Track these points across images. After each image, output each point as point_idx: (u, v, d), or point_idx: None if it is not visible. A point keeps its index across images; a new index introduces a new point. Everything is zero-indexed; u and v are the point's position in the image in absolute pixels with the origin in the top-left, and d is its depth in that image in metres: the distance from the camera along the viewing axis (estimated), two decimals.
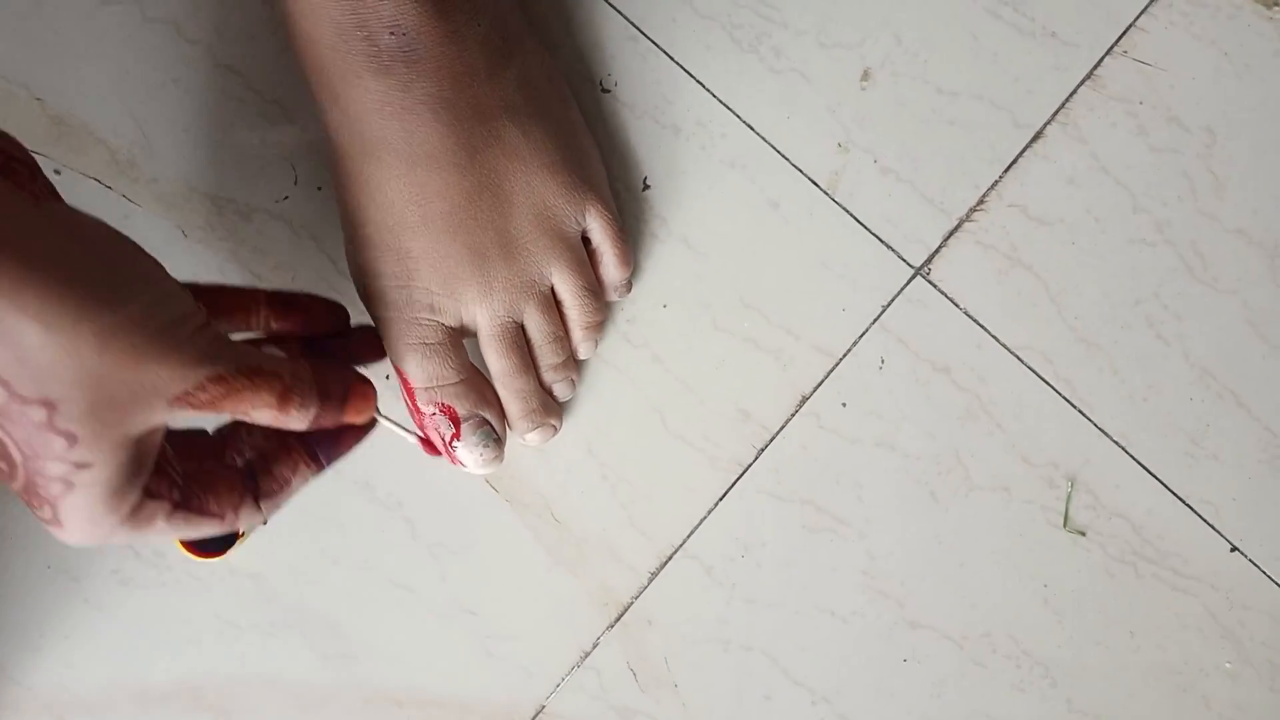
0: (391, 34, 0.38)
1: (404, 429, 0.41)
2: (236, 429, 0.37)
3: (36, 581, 0.45)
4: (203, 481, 0.34)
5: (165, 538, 0.34)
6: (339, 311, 0.40)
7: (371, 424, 0.38)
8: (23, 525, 0.45)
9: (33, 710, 0.45)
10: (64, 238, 0.29)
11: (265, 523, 0.36)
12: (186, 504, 0.34)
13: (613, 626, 0.46)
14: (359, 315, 0.44)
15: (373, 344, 0.41)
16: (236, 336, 0.36)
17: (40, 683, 0.45)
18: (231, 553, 0.44)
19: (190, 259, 0.46)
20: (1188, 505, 0.47)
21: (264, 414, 0.33)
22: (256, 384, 0.33)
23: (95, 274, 0.29)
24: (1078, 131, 0.47)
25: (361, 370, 0.38)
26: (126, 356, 0.29)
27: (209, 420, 0.36)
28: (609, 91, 0.47)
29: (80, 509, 0.31)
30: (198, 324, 0.32)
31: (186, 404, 0.31)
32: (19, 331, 0.27)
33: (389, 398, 0.45)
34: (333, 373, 0.36)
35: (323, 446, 0.38)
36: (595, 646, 0.46)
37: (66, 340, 0.28)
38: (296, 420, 0.34)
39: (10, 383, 0.28)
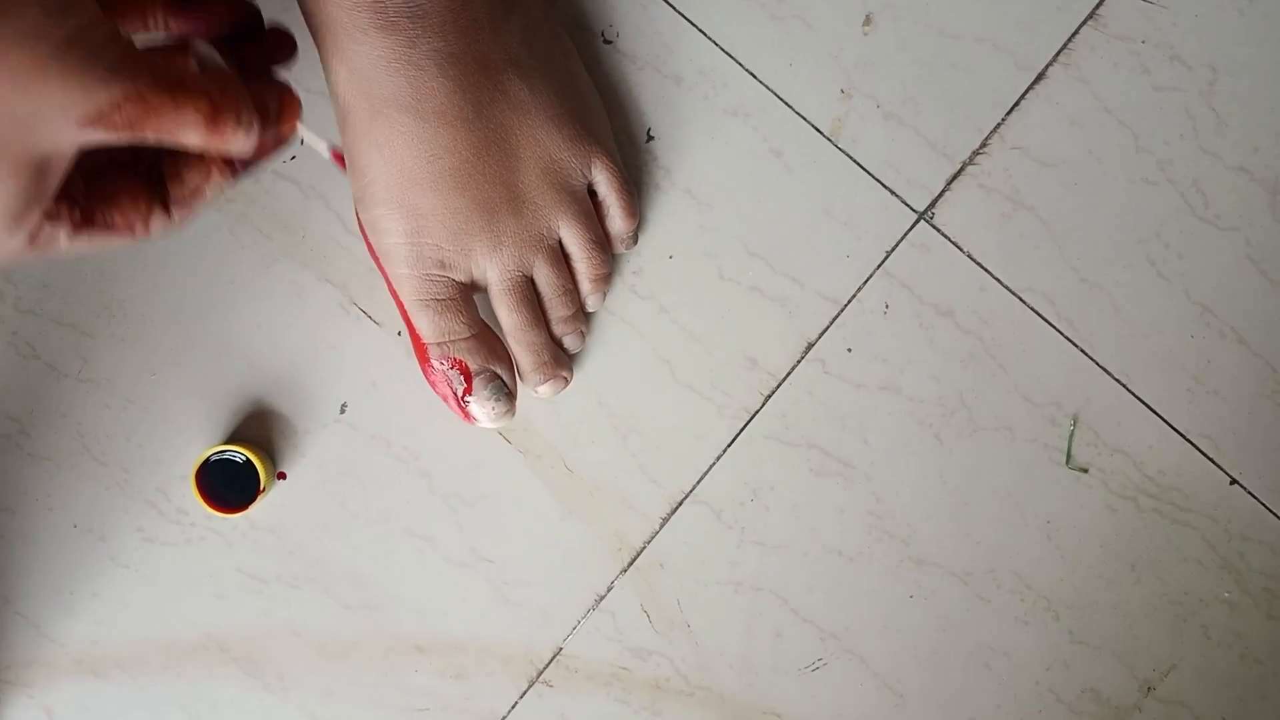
0: None
1: (318, 139, 0.38)
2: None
3: (64, 541, 0.47)
4: (105, 195, 0.32)
5: (71, 255, 0.32)
6: (247, 8, 0.35)
7: (290, 137, 0.35)
8: (47, 487, 0.46)
9: (65, 665, 0.47)
10: None
11: (179, 228, 0.34)
12: (89, 221, 0.31)
13: (626, 571, 0.48)
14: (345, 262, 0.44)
15: (285, 43, 0.36)
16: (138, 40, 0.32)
17: (72, 639, 0.47)
18: (253, 508, 0.46)
19: (200, 221, 0.46)
20: (1188, 440, 0.48)
21: (192, 135, 0.30)
22: (180, 101, 0.29)
23: None
24: (1080, 72, 0.47)
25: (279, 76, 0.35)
26: (25, 73, 0.27)
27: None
28: (611, 43, 0.47)
29: None
30: (105, 34, 0.28)
31: (99, 125, 0.28)
32: None
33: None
34: (264, 84, 0.33)
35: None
36: (609, 590, 0.48)
37: None
38: (236, 142, 0.31)
39: None
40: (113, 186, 0.32)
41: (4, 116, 0.27)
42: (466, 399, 0.44)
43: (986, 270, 0.48)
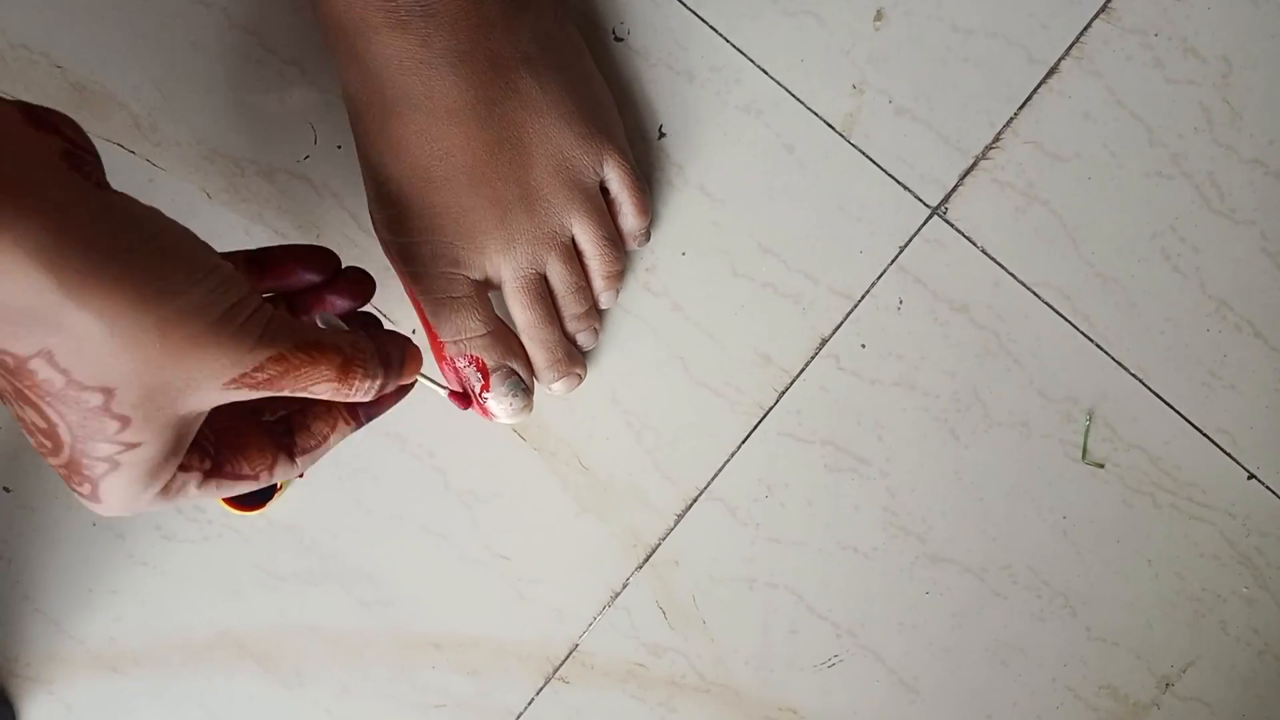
0: None
1: (438, 384, 0.41)
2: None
3: (83, 539, 0.47)
4: (235, 445, 0.34)
5: (196, 502, 0.34)
6: (320, 258, 0.38)
7: (413, 382, 0.38)
8: (65, 486, 0.47)
9: (84, 662, 0.47)
10: (125, 228, 0.28)
11: (302, 475, 0.36)
12: (218, 470, 0.34)
13: (641, 568, 0.48)
14: (374, 270, 0.45)
15: (358, 285, 0.39)
16: None
17: (91, 635, 0.47)
18: (270, 506, 0.46)
19: (215, 220, 0.46)
20: (1205, 435, 0.48)
21: (324, 388, 0.33)
22: (315, 359, 0.32)
23: (155, 264, 0.28)
24: (1093, 65, 0.47)
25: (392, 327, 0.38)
26: (186, 344, 0.29)
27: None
28: (622, 40, 0.47)
29: (120, 486, 0.31)
30: (254, 306, 0.31)
31: (244, 384, 0.31)
32: (82, 324, 0.27)
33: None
34: (387, 339, 0.36)
35: (365, 404, 0.38)
36: (625, 587, 0.48)
37: (128, 331, 0.28)
38: (361, 392, 0.34)
39: (70, 371, 0.28)
40: (242, 439, 0.35)
41: (163, 385, 0.29)
42: (484, 396, 0.44)
43: (1001, 265, 0.47)
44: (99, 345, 0.28)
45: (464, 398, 0.44)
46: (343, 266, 0.38)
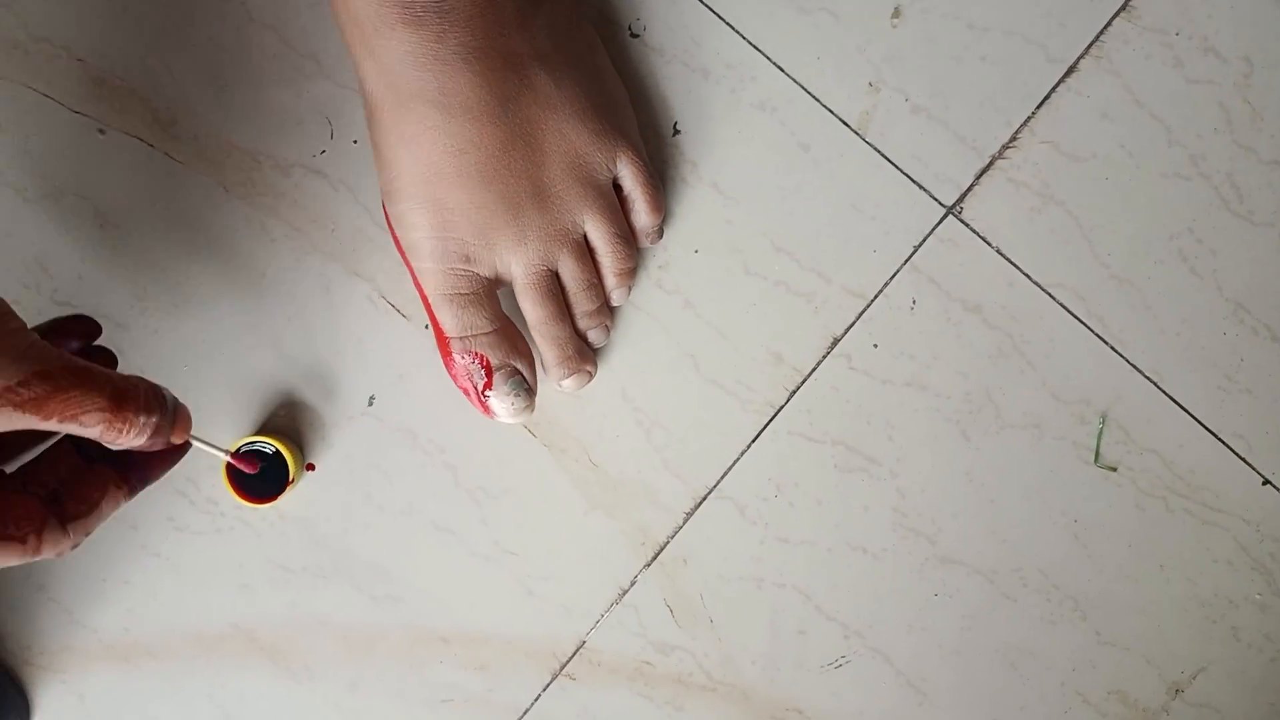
0: None
1: (214, 447, 0.39)
2: (38, 465, 0.36)
3: (97, 530, 0.47)
4: None
5: None
6: (78, 326, 0.37)
7: (185, 447, 0.37)
8: None
9: (98, 652, 0.47)
10: None
11: (76, 546, 0.36)
12: None
13: (650, 565, 0.48)
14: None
15: (107, 362, 0.38)
16: None
17: (104, 626, 0.47)
18: (282, 499, 0.46)
19: (232, 214, 0.47)
20: (1220, 439, 0.47)
21: (96, 418, 0.32)
22: (86, 385, 0.31)
23: None
24: (1111, 64, 0.47)
25: None
26: None
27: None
28: (638, 36, 0.47)
29: None
30: (17, 326, 0.31)
31: (7, 400, 0.30)
32: None
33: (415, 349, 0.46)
34: (159, 386, 0.35)
35: (134, 471, 0.36)
36: (633, 584, 0.48)
37: None
38: (135, 430, 0.33)
39: None
40: (6, 500, 0.33)
41: None
42: (486, 393, 0.44)
43: (1015, 265, 0.47)
44: None
45: (250, 462, 0.42)
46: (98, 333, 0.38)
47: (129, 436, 0.33)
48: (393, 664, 0.47)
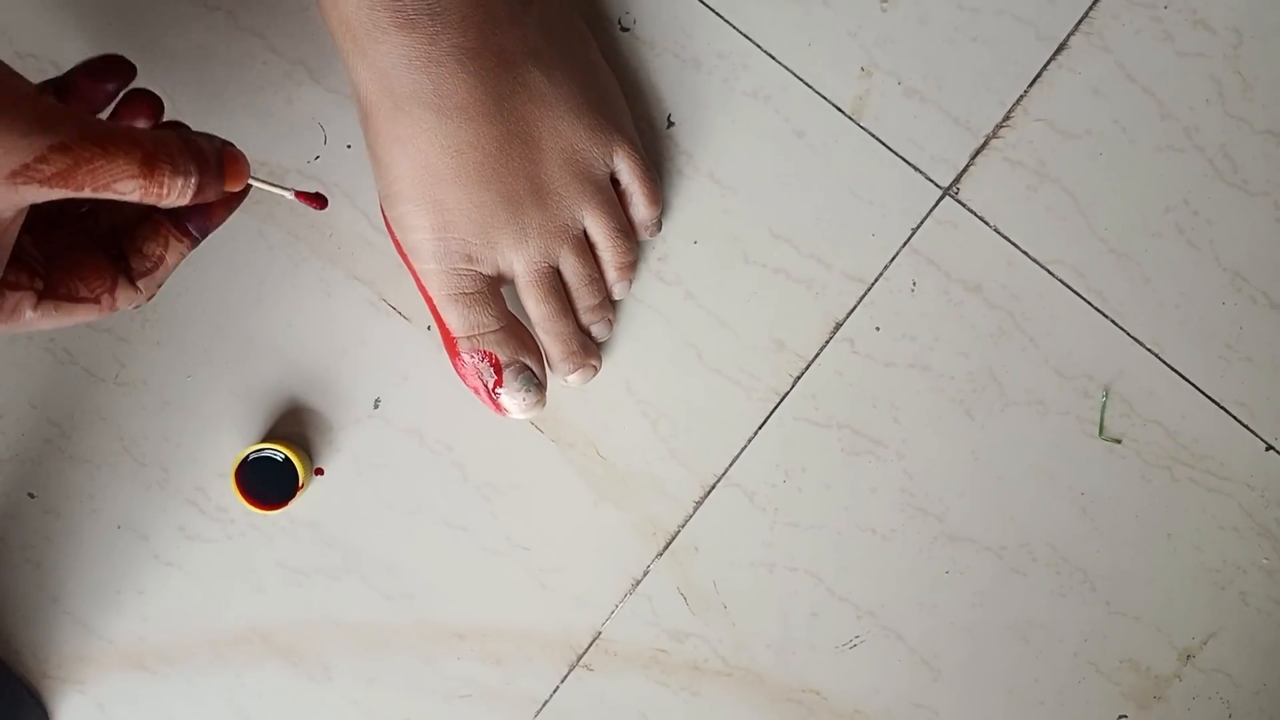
0: None
1: (277, 186, 0.37)
2: (96, 213, 0.34)
3: (109, 542, 0.47)
4: (68, 265, 0.32)
5: (43, 328, 0.32)
6: (114, 65, 0.34)
7: (245, 191, 0.35)
8: (90, 488, 0.47)
9: (115, 662, 0.48)
10: None
11: (150, 299, 0.35)
12: (54, 291, 0.32)
13: (661, 555, 0.48)
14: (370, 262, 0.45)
15: (146, 100, 0.35)
16: None
17: (120, 635, 0.48)
18: (292, 504, 0.46)
19: (228, 223, 0.46)
20: (1222, 408, 0.48)
21: (129, 185, 0.30)
22: (110, 151, 0.29)
23: None
24: (1102, 41, 0.47)
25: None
26: None
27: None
28: (628, 30, 0.47)
29: None
30: (21, 93, 0.29)
31: (29, 179, 0.28)
32: None
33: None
34: (199, 137, 0.33)
35: (193, 220, 0.35)
36: (645, 574, 0.48)
37: None
38: (175, 191, 0.31)
39: None
40: (75, 261, 0.33)
41: None
42: (497, 391, 0.44)
43: (1014, 244, 0.47)
44: None
45: (317, 197, 0.38)
46: (142, 89, 0.35)
47: (170, 198, 0.31)
48: (408, 659, 0.48)
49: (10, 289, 0.31)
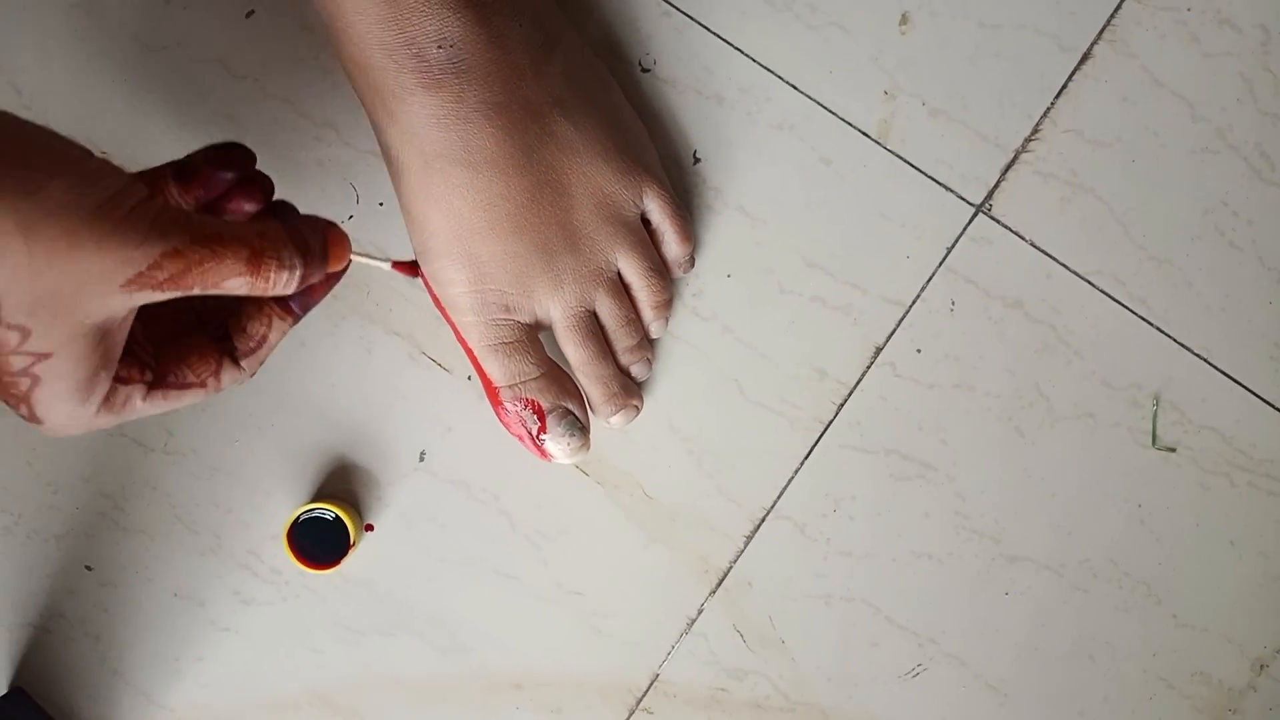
0: (439, 47, 0.39)
1: (374, 259, 0.39)
2: (205, 301, 0.35)
3: (165, 610, 0.48)
4: (175, 354, 0.33)
5: (149, 414, 0.33)
6: (233, 155, 0.35)
7: (346, 267, 0.36)
8: (144, 558, 0.48)
9: None
10: None
11: (251, 376, 0.36)
12: (162, 381, 0.33)
13: (714, 593, 0.48)
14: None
15: (255, 184, 0.36)
16: None
17: (181, 704, 0.48)
18: (344, 563, 0.46)
19: None
20: (1276, 409, 0.47)
21: (238, 283, 0.31)
22: (219, 253, 0.30)
23: (3, 164, 0.27)
24: (1127, 47, 0.46)
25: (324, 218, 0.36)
26: (60, 243, 0.28)
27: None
28: (649, 71, 0.47)
29: (52, 401, 0.30)
30: (137, 199, 0.30)
31: (144, 285, 0.29)
32: None
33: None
34: (303, 224, 0.34)
35: (295, 298, 0.36)
36: (700, 613, 0.48)
37: None
38: (280, 284, 0.32)
39: None
40: (182, 347, 0.34)
41: (48, 290, 0.28)
42: (541, 437, 0.44)
43: (1051, 257, 0.47)
44: None
45: (412, 265, 0.41)
46: (256, 169, 0.36)
47: (276, 290, 0.32)
48: (468, 713, 0.48)
49: (122, 383, 0.32)
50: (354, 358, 0.48)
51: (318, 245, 0.34)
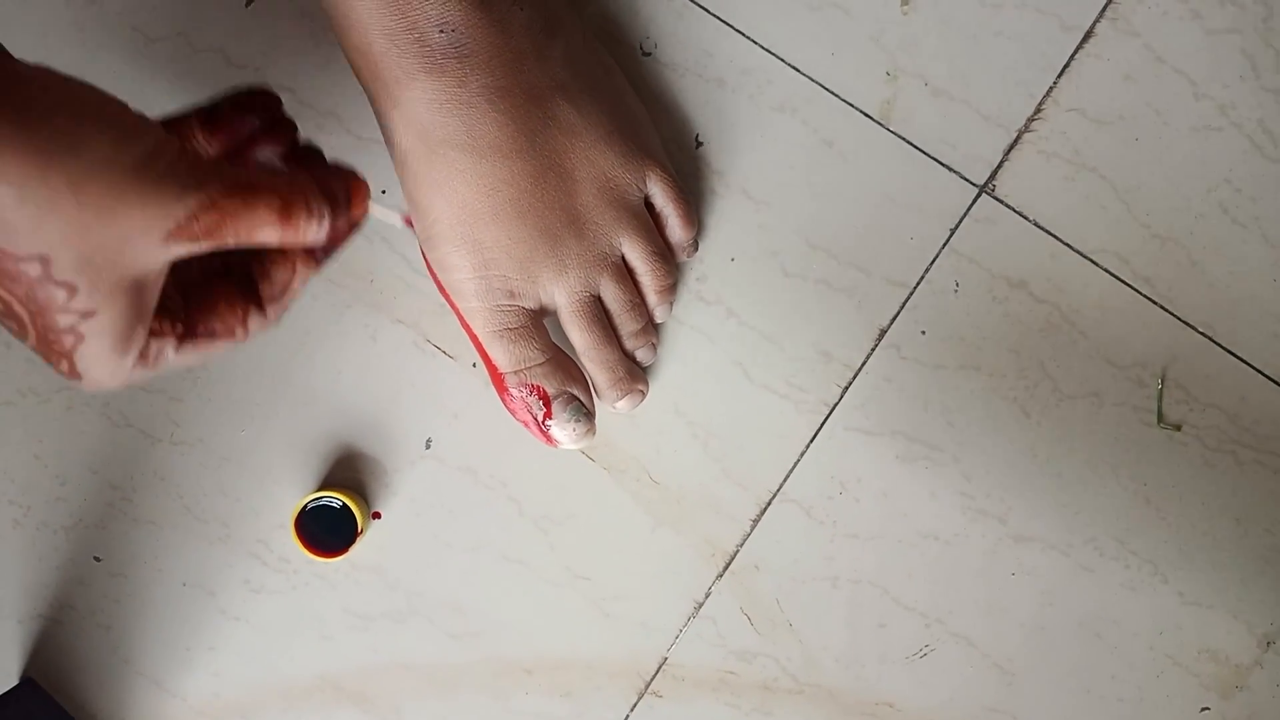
0: (441, 32, 0.39)
1: (388, 208, 0.38)
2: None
3: (176, 600, 0.48)
4: (203, 304, 0.34)
5: (180, 367, 0.33)
6: (259, 101, 0.35)
7: (365, 216, 0.36)
8: (154, 548, 0.48)
9: (188, 718, 0.48)
10: (11, 89, 0.28)
11: (276, 321, 0.36)
12: (192, 331, 0.33)
13: (722, 576, 0.48)
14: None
15: (280, 127, 0.36)
16: None
17: (193, 692, 0.48)
18: (353, 550, 0.47)
19: None
20: None
21: (270, 232, 0.31)
22: (251, 202, 0.31)
23: (53, 123, 0.28)
24: (1128, 25, 0.46)
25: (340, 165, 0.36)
26: (106, 199, 0.28)
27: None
28: (650, 54, 0.47)
29: (93, 357, 0.30)
30: (173, 153, 0.30)
31: (182, 237, 0.30)
32: None
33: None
34: (329, 174, 0.34)
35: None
36: (708, 596, 0.48)
37: (39, 194, 0.27)
38: (310, 233, 0.32)
39: (1, 244, 0.28)
40: (209, 297, 0.34)
41: (95, 246, 0.29)
42: (547, 423, 0.44)
43: (1055, 236, 0.47)
44: (15, 212, 0.27)
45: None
46: (283, 113, 0.36)
47: (308, 238, 0.32)
48: (478, 697, 0.48)
49: (154, 336, 0.32)
50: (359, 346, 0.48)
51: (343, 194, 0.34)
